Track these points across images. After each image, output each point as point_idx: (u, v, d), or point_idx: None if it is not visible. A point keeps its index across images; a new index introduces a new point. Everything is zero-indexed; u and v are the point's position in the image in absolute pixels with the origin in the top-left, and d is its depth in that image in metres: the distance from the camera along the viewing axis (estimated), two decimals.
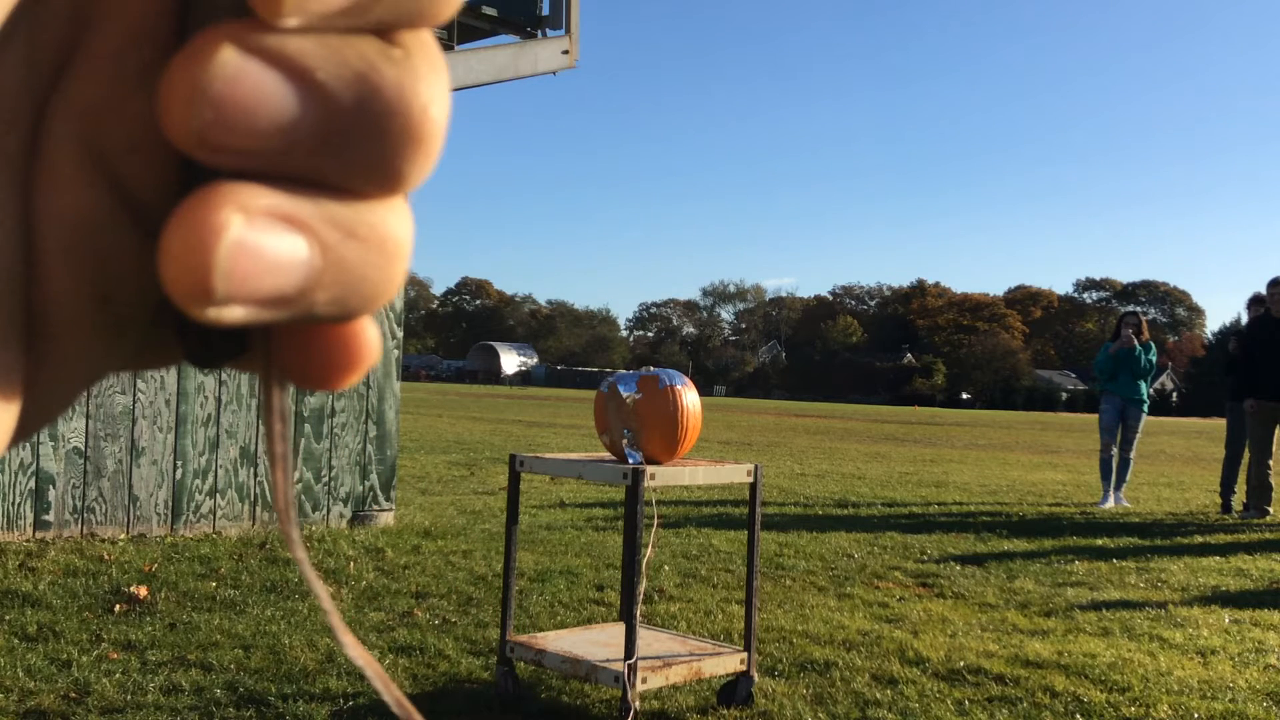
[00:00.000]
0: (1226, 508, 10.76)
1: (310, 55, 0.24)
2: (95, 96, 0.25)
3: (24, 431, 0.27)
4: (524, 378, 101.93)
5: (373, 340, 0.28)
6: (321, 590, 0.28)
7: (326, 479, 7.13)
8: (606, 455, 3.79)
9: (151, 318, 0.28)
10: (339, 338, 0.27)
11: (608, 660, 3.51)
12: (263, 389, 0.28)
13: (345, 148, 0.25)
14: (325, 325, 0.27)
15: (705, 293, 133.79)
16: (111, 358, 0.28)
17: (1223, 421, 11.57)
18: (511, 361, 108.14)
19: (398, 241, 0.26)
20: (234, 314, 0.25)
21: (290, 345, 0.28)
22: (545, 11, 8.31)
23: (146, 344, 0.29)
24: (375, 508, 7.35)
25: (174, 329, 0.29)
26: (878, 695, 3.95)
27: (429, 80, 0.25)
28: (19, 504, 6.06)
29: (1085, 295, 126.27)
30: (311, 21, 0.24)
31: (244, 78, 0.24)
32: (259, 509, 6.85)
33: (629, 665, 3.37)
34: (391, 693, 0.29)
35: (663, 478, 3.49)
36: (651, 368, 3.79)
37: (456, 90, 7.82)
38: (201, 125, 0.24)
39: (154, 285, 0.26)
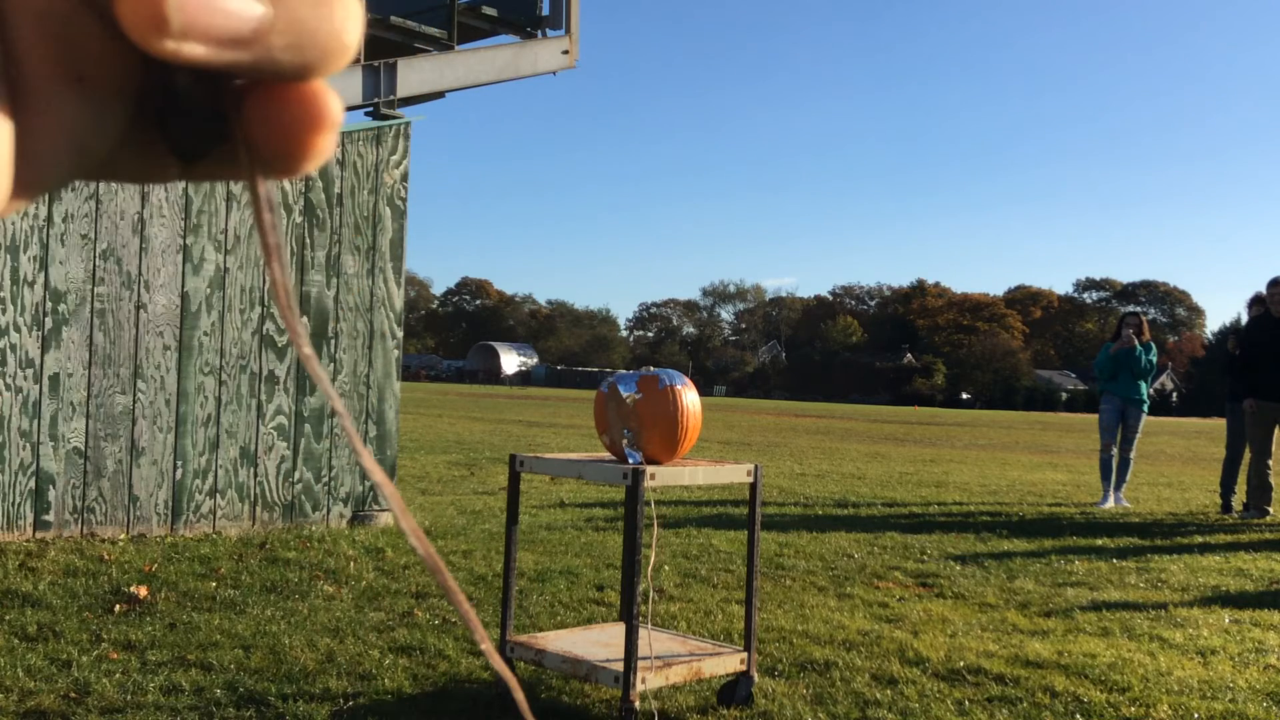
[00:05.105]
0: (1226, 508, 10.76)
1: None
2: None
3: (24, 187, 0.30)
4: (524, 378, 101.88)
5: (335, 105, 0.31)
6: (327, 383, 0.31)
7: (326, 479, 7.13)
8: (606, 455, 3.79)
9: (131, 111, 0.31)
10: (302, 98, 0.30)
11: (608, 660, 3.51)
12: (247, 181, 0.31)
13: None
14: (288, 86, 0.30)
15: (705, 293, 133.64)
16: (95, 136, 0.30)
17: (1223, 421, 11.57)
18: (511, 361, 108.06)
19: None
20: (194, 50, 0.28)
21: (262, 116, 0.30)
22: (545, 11, 8.32)
23: (132, 144, 0.31)
24: (375, 508, 7.34)
25: (156, 122, 0.31)
26: (878, 695, 3.95)
27: None
28: (19, 504, 6.06)
29: (1085, 295, 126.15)
30: None
31: None
32: (259, 509, 6.85)
33: (629, 663, 3.37)
34: (407, 522, 0.32)
35: (663, 478, 3.49)
36: (651, 368, 3.78)
37: (456, 90, 7.83)
38: None
39: (125, 70, 0.30)
